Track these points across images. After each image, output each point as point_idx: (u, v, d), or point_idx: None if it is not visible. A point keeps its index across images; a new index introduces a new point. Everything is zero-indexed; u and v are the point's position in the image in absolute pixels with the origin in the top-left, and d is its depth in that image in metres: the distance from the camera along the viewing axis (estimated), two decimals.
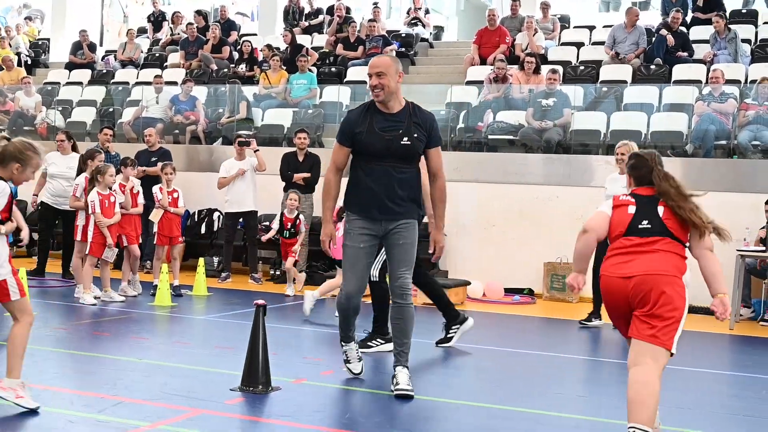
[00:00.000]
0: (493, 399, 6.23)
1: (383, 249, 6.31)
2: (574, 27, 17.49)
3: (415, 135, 5.83)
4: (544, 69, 14.19)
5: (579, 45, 16.25)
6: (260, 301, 6.08)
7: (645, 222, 4.83)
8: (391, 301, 6.12)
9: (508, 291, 11.97)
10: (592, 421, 5.69)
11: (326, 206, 6.03)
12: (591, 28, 17.14)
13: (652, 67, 14.33)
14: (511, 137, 13.41)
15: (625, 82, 14.27)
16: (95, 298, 9.94)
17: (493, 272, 11.97)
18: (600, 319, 9.38)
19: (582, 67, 15.09)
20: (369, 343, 7.60)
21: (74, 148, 12.02)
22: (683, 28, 15.10)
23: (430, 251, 6.11)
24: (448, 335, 7.98)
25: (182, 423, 5.13)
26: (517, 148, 13.29)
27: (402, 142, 5.81)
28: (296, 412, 5.48)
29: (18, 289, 5.23)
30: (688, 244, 4.83)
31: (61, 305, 9.89)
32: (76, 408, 5.43)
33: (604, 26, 16.56)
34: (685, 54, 14.54)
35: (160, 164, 11.50)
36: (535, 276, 11.96)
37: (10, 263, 5.25)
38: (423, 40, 18.21)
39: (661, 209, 4.83)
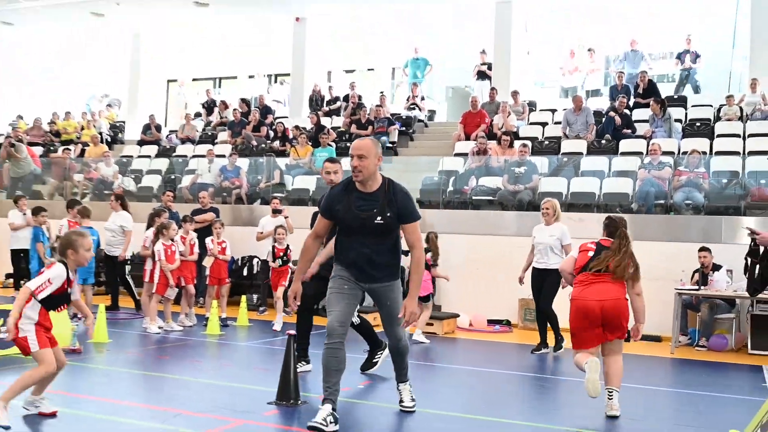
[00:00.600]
0: (474, 410, 6.13)
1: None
2: (540, 110, 17.55)
3: (388, 214, 5.18)
4: (517, 143, 14.26)
5: (544, 124, 16.30)
6: (291, 332, 6.05)
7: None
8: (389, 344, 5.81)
9: (491, 321, 11.86)
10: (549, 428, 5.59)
11: (299, 267, 5.49)
12: (553, 111, 17.20)
13: (603, 141, 14.36)
14: (490, 198, 13.39)
15: (581, 153, 14.29)
16: (159, 327, 9.87)
17: (478, 306, 11.85)
18: (547, 348, 9.28)
19: (546, 142, 15.12)
20: (373, 360, 7.32)
21: (124, 207, 11.98)
22: (627, 111, 15.17)
23: (400, 315, 5.29)
24: (374, 360, 7.39)
25: (229, 430, 5.06)
26: (495, 206, 13.27)
27: (376, 222, 5.18)
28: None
29: (37, 343, 5.13)
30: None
31: (132, 334, 9.83)
32: (144, 419, 5.36)
33: (564, 109, 16.66)
34: (630, 131, 14.59)
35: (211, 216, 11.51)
36: (512, 309, 11.86)
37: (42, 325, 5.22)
38: (419, 121, 18.29)
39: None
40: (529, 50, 20.51)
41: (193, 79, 25.86)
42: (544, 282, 9.14)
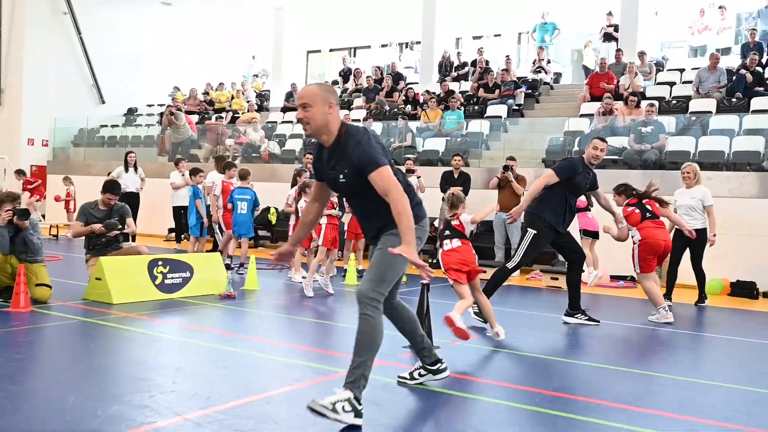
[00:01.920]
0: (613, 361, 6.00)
1: None
2: (667, 70, 16.65)
3: (346, 170, 4.00)
4: (643, 104, 13.62)
5: (671, 84, 15.46)
6: (425, 281, 6.08)
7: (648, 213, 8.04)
8: None
9: (613, 277, 11.53)
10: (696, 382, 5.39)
11: (295, 232, 4.63)
12: (681, 70, 16.27)
13: (734, 99, 13.47)
14: (615, 157, 12.91)
15: (710, 112, 13.47)
16: (302, 277, 10.22)
17: (601, 263, 11.54)
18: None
19: (674, 102, 14.35)
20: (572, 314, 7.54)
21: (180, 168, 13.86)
22: (759, 69, 14.12)
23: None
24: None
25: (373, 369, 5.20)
26: (620, 166, 12.78)
27: (341, 181, 4.06)
28: (451, 363, 5.45)
29: None
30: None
31: (278, 282, 10.20)
32: (290, 356, 5.59)
33: (693, 68, 15.69)
34: (762, 89, 13.60)
35: None
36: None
37: None
38: (545, 83, 17.80)
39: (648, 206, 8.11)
40: (657, 11, 19.39)
41: (330, 50, 26.28)
42: (689, 242, 8.76)
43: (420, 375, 4.88)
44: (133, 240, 10.80)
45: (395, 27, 22.98)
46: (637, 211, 8.08)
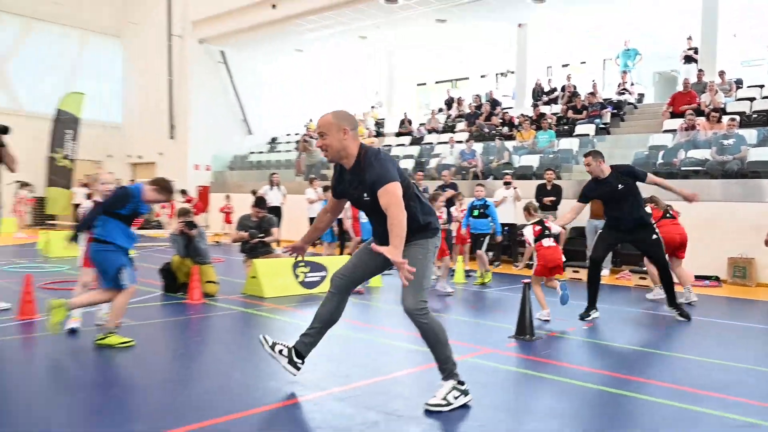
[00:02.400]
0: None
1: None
2: (747, 86, 15.58)
3: (367, 190, 3.73)
4: (725, 119, 12.80)
5: (752, 99, 14.45)
6: (526, 281, 6.01)
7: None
8: None
9: (698, 277, 10.86)
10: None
11: (306, 234, 4.39)
12: (761, 86, 15.18)
13: None
14: (698, 168, 12.20)
15: None
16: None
17: (686, 264, 10.92)
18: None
19: (755, 115, 13.41)
20: (589, 313, 6.99)
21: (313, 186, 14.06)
22: None
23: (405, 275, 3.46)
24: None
25: (481, 356, 5.18)
26: (702, 176, 12.07)
27: (365, 199, 3.78)
28: (553, 354, 5.35)
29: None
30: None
31: (397, 281, 10.29)
32: (402, 341, 5.65)
33: None
34: None
35: (451, 192, 11.72)
36: (719, 267, 10.79)
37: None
38: (629, 104, 17.09)
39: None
40: (735, 33, 18.22)
41: (436, 82, 26.34)
42: None
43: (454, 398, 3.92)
44: (278, 245, 11.21)
45: (491, 59, 22.78)
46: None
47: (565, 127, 16.11)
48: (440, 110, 21.18)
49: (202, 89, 22.52)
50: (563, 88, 18.19)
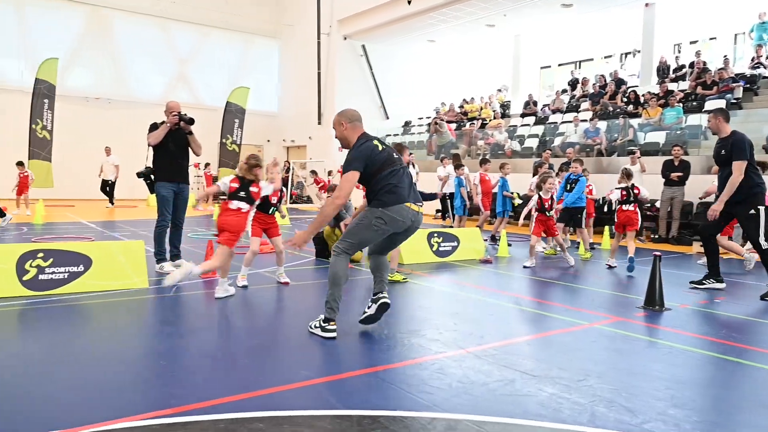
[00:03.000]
0: None
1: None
2: None
3: None
4: None
5: None
6: (657, 253, 5.59)
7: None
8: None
9: None
10: None
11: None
12: None
13: None
14: None
15: None
16: (543, 248, 9.90)
17: None
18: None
19: None
20: (703, 281, 6.52)
21: (454, 164, 12.45)
22: None
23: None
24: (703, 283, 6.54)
25: (611, 324, 4.93)
26: None
27: None
28: (682, 324, 4.95)
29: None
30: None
31: (525, 251, 10.01)
32: (534, 308, 5.48)
33: None
34: None
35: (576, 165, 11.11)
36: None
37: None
38: (764, 77, 15.20)
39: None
40: None
41: (559, 65, 25.05)
42: None
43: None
44: None
45: (617, 40, 21.21)
46: None
47: (694, 104, 14.70)
48: (564, 91, 20.14)
49: (345, 80, 23.10)
50: (692, 65, 16.57)
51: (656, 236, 11.64)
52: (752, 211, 6.11)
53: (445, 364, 3.80)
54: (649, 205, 11.28)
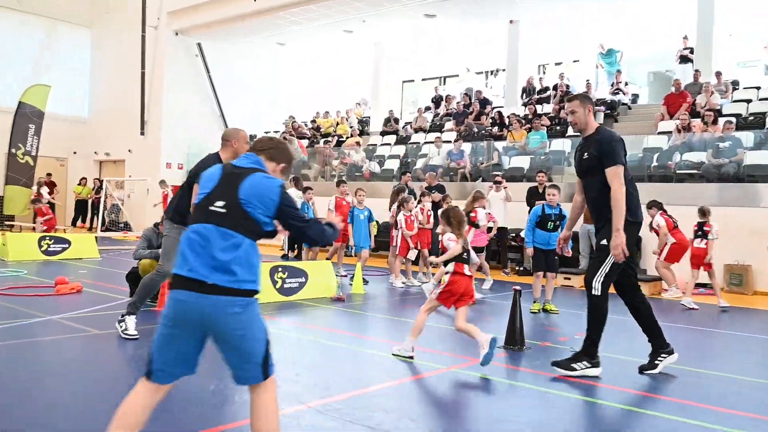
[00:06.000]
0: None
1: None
2: (743, 88, 15.79)
3: None
4: (720, 121, 12.97)
5: (748, 101, 14.64)
6: (516, 287, 6.01)
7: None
8: None
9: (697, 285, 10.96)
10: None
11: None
12: (757, 88, 15.39)
13: None
14: (693, 171, 12.35)
15: None
16: (402, 283, 10.30)
17: (681, 272, 11.03)
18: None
19: (752, 118, 13.59)
20: (573, 365, 5.06)
21: (297, 186, 13.10)
22: None
23: None
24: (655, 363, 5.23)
25: (470, 368, 5.16)
26: (697, 179, 12.21)
27: None
28: (543, 364, 5.35)
29: None
30: None
31: (381, 287, 10.28)
32: (385, 350, 5.63)
33: None
34: None
35: (438, 195, 11.74)
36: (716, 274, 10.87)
37: None
38: (623, 104, 17.25)
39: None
40: (731, 33, 18.46)
41: (423, 79, 26.38)
42: None
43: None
44: None
45: (481, 57, 22.87)
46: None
47: (558, 128, 16.22)
48: (428, 108, 21.22)
49: (176, 83, 22.36)
50: (555, 87, 18.32)
51: (520, 268, 12.54)
52: (604, 242, 5.02)
53: (282, 424, 3.74)
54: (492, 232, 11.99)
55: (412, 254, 10.47)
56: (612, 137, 5.12)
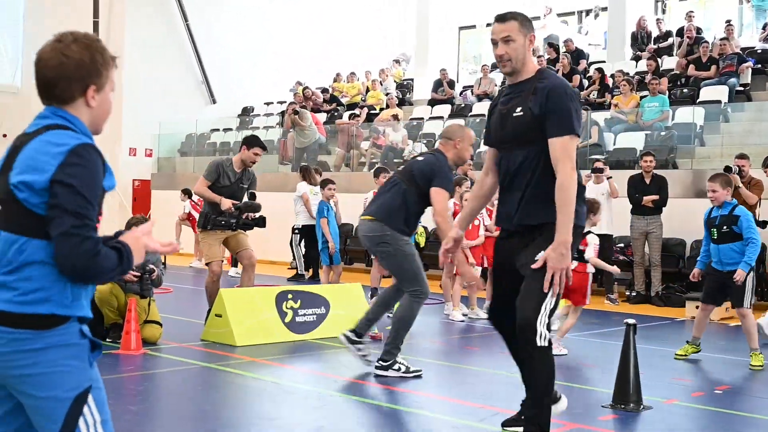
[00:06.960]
0: None
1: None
2: None
3: None
4: None
5: None
6: (631, 321, 5.92)
7: None
8: None
9: None
10: None
11: None
12: None
13: None
14: None
15: None
16: (463, 315, 10.25)
17: None
18: None
19: None
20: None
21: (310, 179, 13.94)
22: None
23: None
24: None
25: None
26: None
27: None
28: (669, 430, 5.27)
29: None
30: None
31: (433, 321, 10.25)
32: (459, 416, 5.62)
33: None
34: None
35: None
36: None
37: None
38: None
39: None
40: None
41: (487, 24, 26.28)
42: None
43: None
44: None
45: None
46: None
47: (684, 91, 16.00)
48: (495, 67, 21.12)
49: (142, 38, 22.62)
50: (680, 33, 18.07)
51: (632, 293, 12.37)
52: (539, 259, 4.33)
53: None
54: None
55: (475, 273, 10.38)
56: (566, 88, 4.46)
